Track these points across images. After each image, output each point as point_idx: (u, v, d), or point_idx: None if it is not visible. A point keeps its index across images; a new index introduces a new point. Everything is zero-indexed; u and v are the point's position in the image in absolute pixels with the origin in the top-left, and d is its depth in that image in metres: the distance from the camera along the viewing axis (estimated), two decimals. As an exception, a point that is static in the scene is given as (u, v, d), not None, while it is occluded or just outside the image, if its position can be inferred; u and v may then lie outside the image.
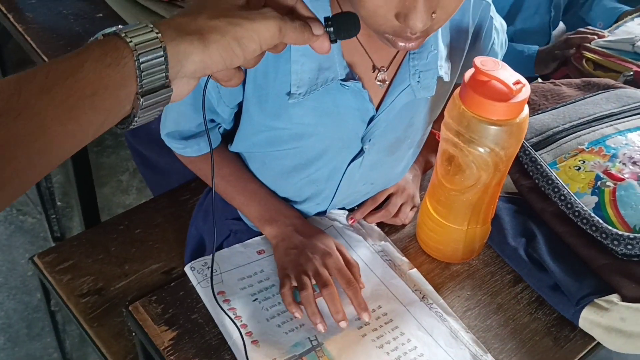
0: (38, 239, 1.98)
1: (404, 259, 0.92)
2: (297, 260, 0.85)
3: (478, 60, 0.78)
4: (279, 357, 0.79)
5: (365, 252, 0.92)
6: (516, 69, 1.22)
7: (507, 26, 1.49)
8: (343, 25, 0.60)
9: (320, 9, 0.77)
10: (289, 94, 0.80)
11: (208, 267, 0.89)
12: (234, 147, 0.95)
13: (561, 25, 1.66)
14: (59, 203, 2.03)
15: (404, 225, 0.98)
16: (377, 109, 0.86)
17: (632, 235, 0.86)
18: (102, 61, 0.47)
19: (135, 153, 1.68)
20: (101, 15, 1.27)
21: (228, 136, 0.97)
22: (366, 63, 0.83)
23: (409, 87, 0.83)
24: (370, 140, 0.87)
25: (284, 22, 0.54)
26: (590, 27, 1.38)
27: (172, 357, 0.80)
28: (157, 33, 0.48)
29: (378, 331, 0.83)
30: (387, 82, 0.84)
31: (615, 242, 0.87)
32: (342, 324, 0.82)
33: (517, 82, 0.77)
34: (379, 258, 0.92)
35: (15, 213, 2.06)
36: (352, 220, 0.96)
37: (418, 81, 0.83)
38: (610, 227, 0.88)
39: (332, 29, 0.59)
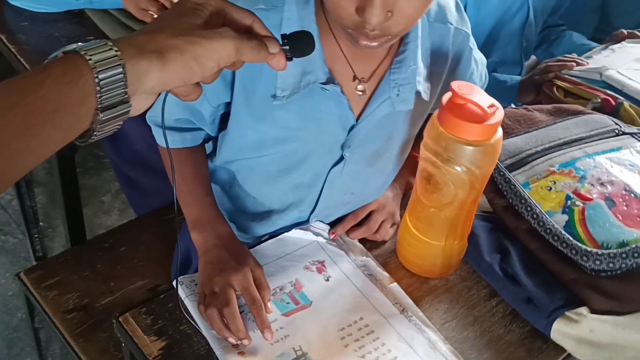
0: (19, 259, 1.98)
1: (385, 273, 0.96)
2: (211, 276, 0.88)
3: (455, 85, 0.83)
4: (265, 366, 0.82)
5: (347, 266, 0.96)
6: (500, 98, 1.28)
7: (487, 58, 1.56)
8: (298, 43, 0.63)
9: (306, 17, 0.82)
10: (274, 96, 0.85)
11: (196, 284, 0.92)
12: (222, 155, 0.99)
13: (533, 57, 1.73)
14: (41, 224, 2.04)
15: (384, 242, 1.03)
16: (358, 119, 0.91)
17: (600, 252, 0.91)
18: (62, 79, 0.48)
19: (120, 174, 1.71)
20: (92, 37, 1.31)
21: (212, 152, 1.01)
22: (347, 72, 0.88)
23: (388, 99, 0.89)
24: (350, 147, 0.92)
25: (241, 41, 0.57)
26: (568, 55, 1.44)
27: (161, 367, 0.83)
28: (116, 51, 0.50)
29: (360, 341, 0.86)
30: (368, 94, 0.90)
31: (585, 258, 0.92)
32: (245, 341, 0.83)
33: (492, 106, 0.83)
34: (360, 272, 0.96)
35: (-3, 233, 2.07)
36: (334, 235, 1.00)
37: (397, 94, 0.88)
38: (579, 244, 0.93)
39: (287, 47, 0.62)
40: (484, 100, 0.83)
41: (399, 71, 0.89)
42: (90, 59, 0.50)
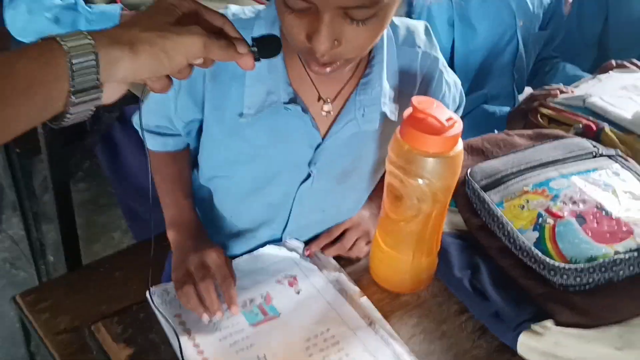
0: (28, 293, 2.03)
1: (355, 288, 0.98)
2: (185, 257, 0.93)
3: (415, 100, 0.86)
4: (229, 374, 0.84)
5: (319, 280, 0.98)
6: (490, 129, 1.31)
7: (478, 90, 1.59)
8: (266, 46, 0.68)
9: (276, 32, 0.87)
10: (241, 114, 0.90)
11: (167, 293, 0.94)
12: (202, 170, 1.04)
13: (530, 89, 1.75)
14: (51, 258, 2.09)
15: (359, 259, 1.04)
16: (325, 138, 0.94)
17: (567, 266, 0.92)
18: (37, 60, 0.54)
19: (124, 206, 1.77)
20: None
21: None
22: (313, 93, 0.92)
23: (354, 119, 0.92)
24: (316, 164, 0.95)
25: (209, 39, 0.62)
26: (555, 84, 1.46)
27: (128, 373, 0.85)
28: (90, 39, 0.56)
29: (324, 352, 0.87)
30: (334, 114, 0.93)
31: (552, 272, 0.92)
32: (218, 314, 0.87)
33: (450, 119, 0.85)
34: (332, 287, 0.97)
35: (8, 267, 2.12)
36: (308, 252, 1.02)
37: (363, 115, 0.92)
38: (547, 259, 0.93)
39: (256, 49, 0.67)
40: (443, 114, 0.85)
41: (364, 92, 0.92)
42: (65, 45, 0.55)
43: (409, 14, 1.40)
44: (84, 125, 1.67)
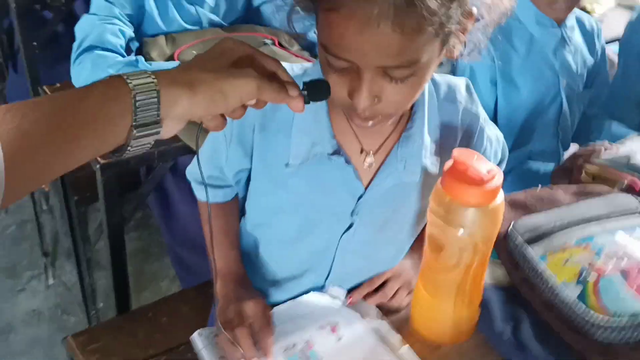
0: (78, 338, 2.08)
1: (397, 336, 0.99)
2: (226, 305, 0.97)
3: (456, 152, 0.89)
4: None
5: (360, 328, 0.99)
6: (533, 186, 1.31)
7: (522, 147, 1.60)
8: (316, 89, 0.73)
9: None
10: (286, 164, 0.94)
11: (214, 336, 0.97)
12: (248, 218, 1.08)
13: (575, 146, 1.76)
14: (101, 305, 2.15)
15: (399, 310, 1.05)
16: (367, 188, 0.97)
17: (611, 321, 0.91)
18: (105, 95, 0.59)
19: (172, 253, 1.82)
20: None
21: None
22: (356, 145, 0.96)
23: (395, 172, 0.95)
24: (358, 214, 0.98)
25: (263, 82, 0.66)
26: (599, 142, 1.47)
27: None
28: (153, 79, 0.60)
29: (365, 400, 0.89)
30: (376, 165, 0.97)
31: (595, 327, 0.92)
32: None
33: (490, 171, 0.87)
34: (373, 334, 0.99)
35: (60, 313, 2.19)
36: (350, 301, 1.04)
37: (404, 167, 0.95)
38: (591, 313, 0.93)
39: (306, 92, 0.72)
40: (483, 166, 0.88)
41: (406, 145, 0.96)
42: (130, 83, 0.60)
43: (452, 73, 1.44)
44: (138, 175, 1.75)
